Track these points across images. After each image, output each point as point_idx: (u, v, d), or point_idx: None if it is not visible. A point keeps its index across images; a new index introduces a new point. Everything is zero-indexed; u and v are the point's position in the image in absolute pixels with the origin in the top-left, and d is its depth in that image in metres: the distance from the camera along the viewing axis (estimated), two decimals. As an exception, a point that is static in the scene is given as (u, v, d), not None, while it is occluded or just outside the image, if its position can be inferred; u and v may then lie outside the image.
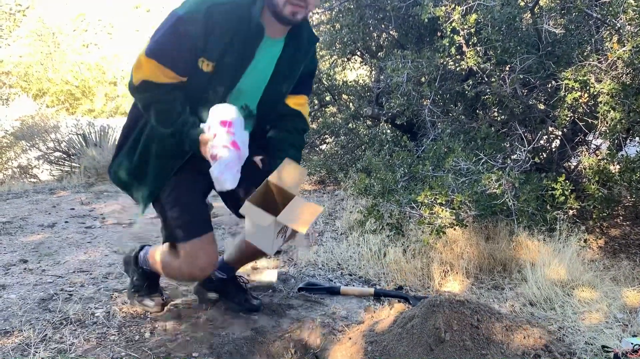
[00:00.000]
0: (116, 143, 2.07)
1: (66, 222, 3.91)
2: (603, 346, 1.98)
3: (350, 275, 2.84)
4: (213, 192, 2.29)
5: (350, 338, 2.04)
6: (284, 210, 1.72)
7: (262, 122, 2.00)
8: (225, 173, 1.72)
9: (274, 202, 1.82)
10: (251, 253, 2.20)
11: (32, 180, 6.51)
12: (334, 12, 4.49)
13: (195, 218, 1.93)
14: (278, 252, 3.16)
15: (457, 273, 2.75)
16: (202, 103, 1.84)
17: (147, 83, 1.75)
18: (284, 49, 1.89)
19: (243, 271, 2.79)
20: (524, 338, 1.87)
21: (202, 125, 1.80)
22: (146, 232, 3.60)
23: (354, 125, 4.94)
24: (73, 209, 4.38)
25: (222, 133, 1.72)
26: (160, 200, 1.94)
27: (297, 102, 2.05)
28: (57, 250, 3.17)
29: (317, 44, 2.40)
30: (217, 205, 4.16)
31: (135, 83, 1.77)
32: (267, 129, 2.07)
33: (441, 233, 2.77)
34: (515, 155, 3.25)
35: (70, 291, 2.46)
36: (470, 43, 3.28)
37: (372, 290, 2.54)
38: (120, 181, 2.04)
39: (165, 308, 2.26)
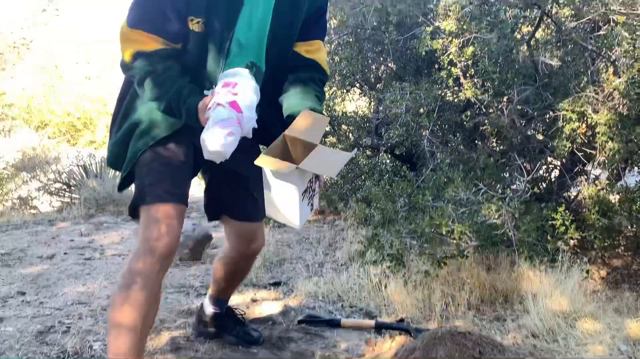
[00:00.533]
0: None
1: (65, 254, 3.89)
2: (608, 379, 1.96)
3: (351, 307, 2.81)
4: (214, 223, 2.27)
5: (351, 372, 2.01)
6: (307, 158, 1.47)
7: (276, 79, 1.76)
8: (212, 131, 1.43)
9: (294, 159, 1.56)
10: (227, 277, 2.12)
11: (32, 211, 6.50)
12: (333, 46, 4.56)
13: (170, 185, 1.67)
14: (277, 284, 3.14)
15: (458, 304, 2.73)
16: (202, 72, 1.68)
17: (139, 54, 1.59)
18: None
19: (243, 303, 2.77)
20: (527, 371, 1.84)
21: (206, 93, 1.60)
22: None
23: (354, 155, 4.96)
24: (72, 240, 4.36)
25: (222, 93, 1.49)
26: (138, 163, 1.70)
27: (309, 49, 1.78)
28: (56, 282, 3.15)
29: None
30: (217, 236, 4.15)
31: (128, 60, 1.60)
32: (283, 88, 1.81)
33: (442, 264, 2.76)
34: (515, 185, 3.26)
35: (68, 324, 2.44)
36: (467, 75, 3.32)
37: (372, 322, 2.52)
38: (112, 160, 1.82)
39: (165, 340, 2.23)
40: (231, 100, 1.46)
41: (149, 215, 1.63)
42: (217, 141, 1.43)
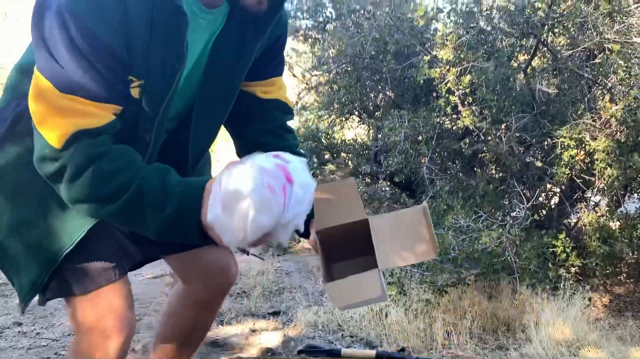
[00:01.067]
0: None
1: (63, 283, 3.86)
2: (613, 410, 1.92)
3: (351, 337, 2.78)
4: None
5: (352, 404, 1.98)
6: (378, 245, 1.02)
7: (203, 136, 1.29)
8: (261, 214, 0.89)
9: (345, 248, 1.11)
10: (184, 331, 1.52)
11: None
12: (331, 74, 4.61)
13: (105, 262, 1.18)
14: (276, 313, 3.11)
15: (460, 333, 2.70)
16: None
17: (81, 134, 0.97)
18: (225, 25, 1.15)
19: (242, 333, 2.73)
20: (532, 402, 1.81)
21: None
22: (145, 293, 3.55)
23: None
24: (70, 270, 4.33)
25: (261, 156, 0.96)
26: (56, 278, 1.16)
27: (268, 90, 1.34)
28: (53, 312, 3.11)
29: (315, 99, 1.66)
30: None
31: (61, 146, 0.97)
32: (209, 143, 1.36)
33: (443, 292, 2.73)
34: (515, 212, 3.25)
35: (64, 355, 2.41)
36: (465, 103, 3.35)
37: (373, 353, 2.48)
38: None
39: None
40: (279, 164, 0.94)
41: (87, 305, 1.18)
42: (263, 220, 0.90)
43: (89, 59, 0.96)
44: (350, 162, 5.04)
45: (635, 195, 3.28)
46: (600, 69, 3.06)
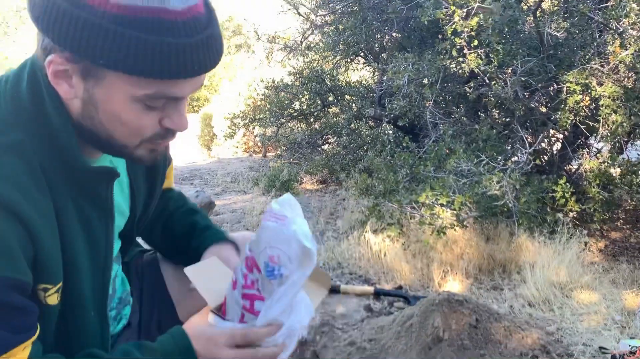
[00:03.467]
0: None
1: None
2: (600, 348, 2.00)
3: (351, 274, 2.86)
4: (216, 189, 2.22)
5: (349, 336, 2.05)
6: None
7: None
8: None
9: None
10: None
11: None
12: (337, 14, 4.52)
13: None
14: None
15: (456, 273, 2.77)
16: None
17: None
18: (129, 170, 1.06)
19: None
20: (522, 338, 1.88)
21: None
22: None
23: (356, 126, 4.96)
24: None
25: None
26: None
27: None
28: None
29: (320, 39, 1.49)
30: (220, 203, 4.18)
31: None
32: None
33: (442, 234, 2.78)
34: (516, 157, 3.26)
35: None
36: (471, 45, 3.29)
37: (371, 289, 2.56)
38: None
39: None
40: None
41: None
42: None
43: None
44: (354, 104, 5.01)
45: (638, 142, 3.28)
46: (612, 12, 2.98)
